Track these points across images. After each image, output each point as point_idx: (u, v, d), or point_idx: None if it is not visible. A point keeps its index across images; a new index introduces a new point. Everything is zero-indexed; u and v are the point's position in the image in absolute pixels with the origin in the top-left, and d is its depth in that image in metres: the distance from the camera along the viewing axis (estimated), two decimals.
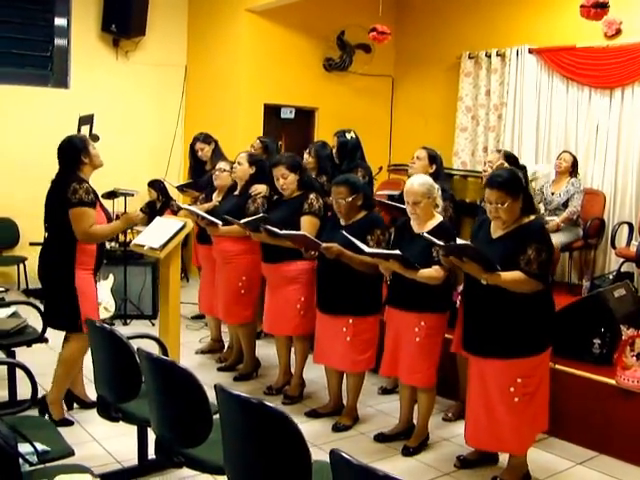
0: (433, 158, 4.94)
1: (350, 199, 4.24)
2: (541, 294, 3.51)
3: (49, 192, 4.28)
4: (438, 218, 4.04)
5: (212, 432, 2.78)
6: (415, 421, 4.25)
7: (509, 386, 3.54)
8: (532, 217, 3.59)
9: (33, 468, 2.75)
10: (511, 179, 3.55)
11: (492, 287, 3.45)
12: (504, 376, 3.56)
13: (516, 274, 3.43)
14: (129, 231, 7.23)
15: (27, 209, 8.06)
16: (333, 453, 2.01)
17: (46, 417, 4.11)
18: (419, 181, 4.00)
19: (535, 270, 3.42)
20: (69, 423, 4.29)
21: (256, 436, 2.41)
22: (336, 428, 4.42)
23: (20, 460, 2.69)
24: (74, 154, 4.20)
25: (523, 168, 4.90)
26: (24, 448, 2.76)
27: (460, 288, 4.03)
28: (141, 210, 5.25)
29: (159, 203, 8.53)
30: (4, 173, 8.04)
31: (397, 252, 3.83)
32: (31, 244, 7.64)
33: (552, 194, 6.59)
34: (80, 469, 2.75)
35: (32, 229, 7.84)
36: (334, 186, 4.32)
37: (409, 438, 4.20)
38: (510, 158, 4.99)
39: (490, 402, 3.61)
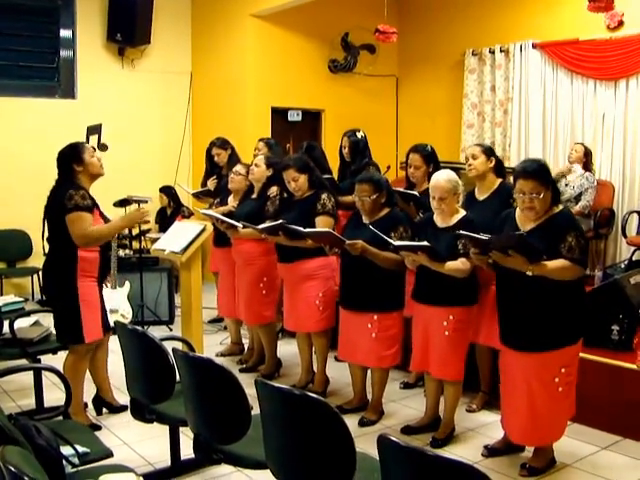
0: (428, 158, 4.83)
1: (374, 197, 4.27)
2: (576, 281, 3.52)
3: (47, 202, 4.21)
4: (462, 212, 4.06)
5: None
6: (441, 414, 4.29)
7: (554, 377, 3.54)
8: (560, 207, 3.60)
9: (75, 469, 2.80)
10: (543, 168, 3.55)
11: (528, 280, 3.42)
12: (549, 368, 3.55)
13: (561, 262, 3.42)
14: (143, 238, 7.28)
15: (39, 220, 8.06)
16: (381, 438, 2.06)
17: None
18: (445, 177, 4.00)
19: (578, 256, 3.43)
20: (97, 428, 4.31)
21: (300, 427, 2.46)
22: (362, 423, 4.45)
23: (63, 462, 2.76)
24: (66, 162, 4.16)
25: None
26: (65, 450, 2.80)
27: None
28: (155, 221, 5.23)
29: (170, 209, 8.63)
30: (15, 185, 8.08)
31: (425, 243, 3.85)
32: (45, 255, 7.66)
33: (566, 185, 6.64)
34: (123, 469, 2.80)
35: None
36: (358, 184, 4.33)
37: (435, 430, 4.23)
38: (488, 151, 4.50)
39: (532, 396, 3.59)
